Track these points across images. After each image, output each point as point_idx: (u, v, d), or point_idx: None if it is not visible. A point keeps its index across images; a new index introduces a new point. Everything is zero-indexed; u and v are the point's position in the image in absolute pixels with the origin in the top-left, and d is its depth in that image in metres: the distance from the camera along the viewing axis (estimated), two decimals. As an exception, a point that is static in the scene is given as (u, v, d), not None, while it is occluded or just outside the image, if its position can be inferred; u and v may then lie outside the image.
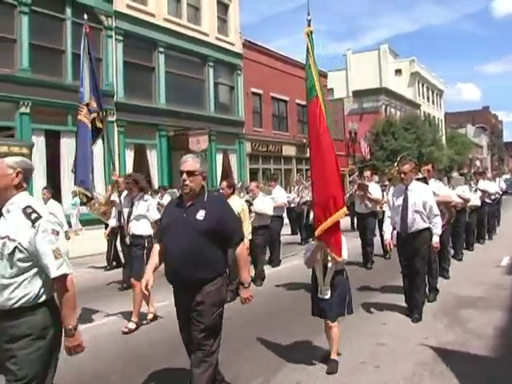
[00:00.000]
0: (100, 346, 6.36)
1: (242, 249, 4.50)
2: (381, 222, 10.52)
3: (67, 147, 19.37)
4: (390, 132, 42.87)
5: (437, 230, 7.17)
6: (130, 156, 22.28)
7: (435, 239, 7.17)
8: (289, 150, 33.45)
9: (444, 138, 61.66)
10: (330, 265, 5.29)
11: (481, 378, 5.01)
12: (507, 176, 38.87)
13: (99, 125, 7.96)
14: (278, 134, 32.53)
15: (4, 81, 17.22)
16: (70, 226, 18.18)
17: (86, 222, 18.16)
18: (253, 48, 30.40)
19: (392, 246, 7.37)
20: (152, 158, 23.61)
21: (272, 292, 9.28)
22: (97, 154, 20.66)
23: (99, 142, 21.12)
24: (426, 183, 8.14)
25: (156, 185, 22.92)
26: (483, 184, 15.18)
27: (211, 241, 4.25)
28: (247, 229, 8.54)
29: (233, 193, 8.87)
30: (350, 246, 5.57)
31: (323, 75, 38.50)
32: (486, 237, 15.47)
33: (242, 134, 29.09)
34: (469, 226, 13.11)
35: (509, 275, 10.14)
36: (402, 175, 7.20)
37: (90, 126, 8.05)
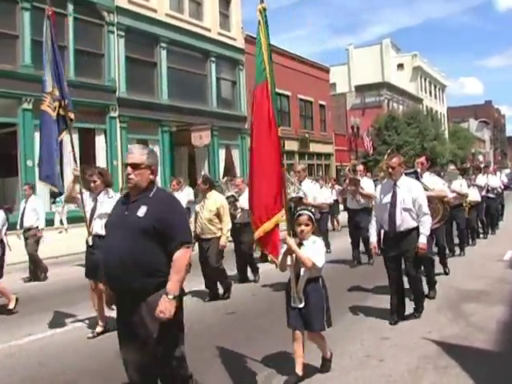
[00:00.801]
0: (98, 343, 6.39)
1: (182, 256, 3.74)
2: None
3: (70, 143, 19.38)
4: (393, 127, 42.87)
5: (424, 230, 6.56)
6: (132, 152, 22.26)
7: (422, 239, 6.53)
8: (291, 145, 33.45)
9: (446, 132, 61.58)
10: (302, 271, 4.83)
11: (483, 372, 5.02)
12: (507, 171, 38.54)
13: (62, 113, 7.08)
14: (280, 129, 32.45)
15: (6, 77, 17.27)
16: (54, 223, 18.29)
17: (72, 220, 17.93)
18: (255, 43, 30.18)
19: (378, 250, 7.00)
20: (154, 153, 23.60)
21: (266, 290, 9.28)
22: (99, 149, 20.82)
23: (102, 137, 21.37)
24: (417, 178, 7.51)
25: (159, 181, 22.92)
26: (481, 179, 14.85)
27: (155, 242, 3.71)
28: (226, 226, 8.35)
29: (210, 188, 8.55)
30: (342, 244, 5.51)
31: (325, 70, 38.49)
32: (490, 231, 15.40)
33: (244, 129, 29.07)
34: (469, 222, 12.81)
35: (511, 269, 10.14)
36: (390, 170, 6.67)
37: (54, 116, 7.08)
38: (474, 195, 12.89)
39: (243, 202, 9.43)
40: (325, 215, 12.96)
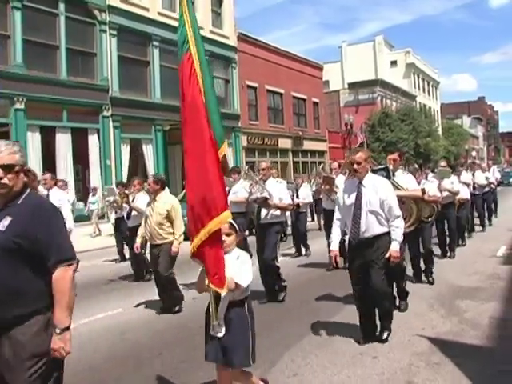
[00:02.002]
0: (97, 341, 6.39)
1: (61, 277, 3.01)
2: None
3: (63, 143, 19.39)
4: (386, 124, 42.94)
5: (396, 236, 5.68)
6: (125, 151, 22.25)
7: (394, 246, 5.65)
8: (285, 143, 33.46)
9: (440, 128, 61.72)
10: (223, 293, 3.92)
11: (476, 369, 5.03)
12: (494, 167, 38.29)
13: None
14: (273, 126, 32.54)
15: (-2, 77, 17.19)
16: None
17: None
18: (248, 41, 30.35)
19: (338, 260, 6.04)
20: (148, 152, 23.62)
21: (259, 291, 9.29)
22: (92, 149, 20.77)
23: (95, 137, 21.32)
24: (388, 176, 6.63)
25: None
26: (465, 176, 14.04)
27: (20, 261, 2.98)
28: (178, 229, 7.58)
29: (162, 188, 7.80)
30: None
31: (318, 67, 38.50)
32: (480, 227, 15.46)
33: (237, 128, 29.08)
34: (459, 221, 12.24)
35: (505, 265, 10.16)
36: (355, 165, 5.73)
37: None
38: (463, 192, 12.23)
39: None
40: (303, 215, 12.76)
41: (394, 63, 63.99)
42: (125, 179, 19.12)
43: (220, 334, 4.03)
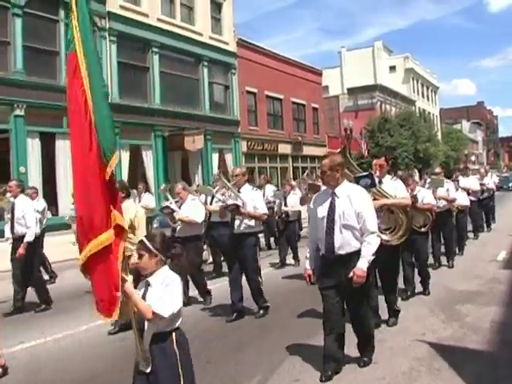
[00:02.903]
0: (97, 347, 6.39)
1: None
2: None
3: (63, 149, 19.36)
4: (386, 129, 42.93)
5: (366, 253, 5.02)
6: (125, 157, 22.25)
7: (361, 264, 4.98)
8: (284, 148, 33.48)
9: (439, 133, 61.77)
10: (147, 323, 3.54)
11: (477, 374, 5.03)
12: (492, 172, 37.94)
13: None
14: (273, 132, 32.55)
15: (-2, 83, 17.21)
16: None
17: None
18: (247, 47, 30.40)
19: (313, 279, 5.38)
20: (147, 158, 23.61)
21: (269, 292, 9.28)
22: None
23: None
24: (373, 183, 6.05)
25: (152, 186, 22.90)
26: (464, 181, 13.81)
27: None
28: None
29: (127, 196, 7.40)
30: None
31: (317, 73, 38.54)
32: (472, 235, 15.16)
33: (237, 133, 29.09)
34: (458, 229, 12.14)
35: (505, 269, 10.16)
36: (325, 173, 5.19)
37: None
38: (462, 199, 11.96)
39: (186, 212, 8.52)
40: (292, 225, 12.32)
41: (393, 68, 64.09)
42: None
43: (147, 370, 3.56)
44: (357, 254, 5.06)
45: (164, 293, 3.46)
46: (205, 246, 11.17)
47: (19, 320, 8.01)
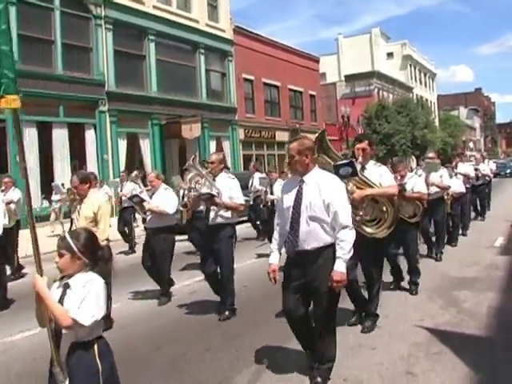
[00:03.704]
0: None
1: None
2: None
3: (60, 138, 19.36)
4: (383, 116, 42.89)
5: (342, 252, 4.39)
6: (122, 145, 22.23)
7: (338, 267, 4.36)
8: (282, 136, 33.42)
9: (437, 120, 61.73)
10: (64, 331, 3.09)
11: (475, 358, 5.05)
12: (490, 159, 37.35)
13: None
14: (270, 119, 32.50)
15: (-7, 72, 17.10)
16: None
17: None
18: (244, 34, 30.27)
19: (277, 276, 4.65)
20: (145, 146, 23.60)
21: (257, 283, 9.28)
22: (88, 144, 20.74)
23: (91, 132, 21.25)
24: (355, 171, 5.42)
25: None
26: (463, 167, 13.43)
27: None
28: (102, 234, 6.35)
29: (89, 187, 6.84)
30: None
31: (315, 60, 38.43)
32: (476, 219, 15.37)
33: (234, 121, 29.05)
34: (453, 218, 11.59)
35: (502, 255, 10.19)
36: (293, 158, 4.59)
37: None
38: (457, 186, 11.37)
39: (157, 202, 7.98)
40: None
41: (390, 55, 63.92)
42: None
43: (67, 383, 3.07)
44: (325, 250, 4.48)
45: (85, 298, 2.99)
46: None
47: (19, 308, 8.02)
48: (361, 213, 5.66)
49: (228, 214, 6.93)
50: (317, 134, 5.73)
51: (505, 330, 5.83)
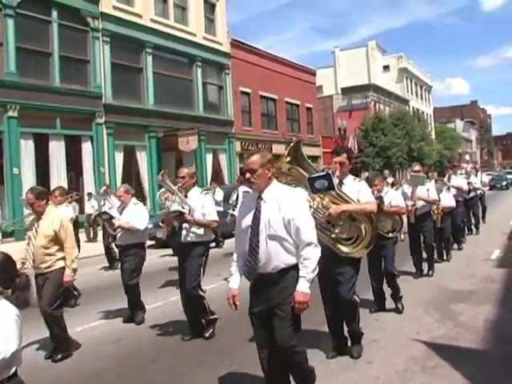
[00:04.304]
0: (93, 348, 6.37)
1: None
2: None
3: (56, 150, 19.36)
4: (380, 128, 43.04)
5: (306, 271, 4.02)
6: (119, 158, 22.24)
7: (301, 287, 3.99)
8: (279, 149, 33.36)
9: (433, 132, 61.97)
10: None
11: (472, 372, 5.03)
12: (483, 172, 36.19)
13: None
14: (267, 132, 32.56)
15: (-9, 85, 17.16)
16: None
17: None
18: (241, 47, 30.40)
19: (238, 302, 4.22)
20: (142, 159, 23.61)
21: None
22: (85, 156, 20.74)
23: (88, 144, 21.25)
24: (331, 185, 4.96)
25: (146, 186, 22.93)
26: (456, 180, 13.04)
27: None
28: (70, 254, 6.10)
29: (47, 203, 6.32)
30: None
31: (311, 73, 38.62)
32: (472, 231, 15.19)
33: (231, 134, 29.11)
34: (442, 234, 10.95)
35: (499, 268, 10.18)
36: (248, 175, 4.21)
37: None
38: (447, 200, 11.01)
39: (127, 217, 7.57)
40: None
41: (386, 68, 64.24)
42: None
43: None
44: (288, 273, 4.10)
45: None
46: None
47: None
48: (336, 230, 5.22)
49: (201, 231, 6.52)
50: (293, 142, 5.24)
51: (501, 344, 5.81)
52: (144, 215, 7.70)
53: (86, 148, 20.95)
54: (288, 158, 5.15)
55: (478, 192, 15.86)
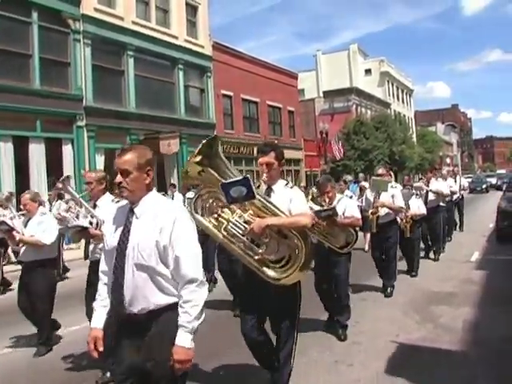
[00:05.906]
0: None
1: None
2: None
3: (36, 153, 19.17)
4: (361, 131, 43.21)
5: (187, 319, 3.01)
6: (100, 161, 22.08)
7: (180, 341, 3.01)
8: (261, 152, 33.49)
9: (414, 136, 62.43)
10: None
11: (451, 373, 5.08)
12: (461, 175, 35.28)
13: None
14: (249, 135, 32.55)
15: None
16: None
17: None
18: (222, 50, 30.38)
19: (100, 348, 3.15)
20: (123, 162, 23.40)
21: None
22: (66, 159, 20.56)
23: (69, 147, 20.99)
24: (251, 192, 4.06)
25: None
26: (436, 184, 12.24)
27: None
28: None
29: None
30: None
31: (293, 76, 38.72)
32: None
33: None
34: (411, 243, 9.89)
35: (478, 270, 10.30)
36: (128, 175, 3.21)
37: None
38: (416, 207, 9.99)
39: (32, 230, 6.45)
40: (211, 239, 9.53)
41: (368, 72, 64.60)
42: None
43: None
44: (163, 315, 3.07)
45: None
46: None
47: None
48: (260, 250, 4.14)
49: None
50: (205, 140, 4.26)
51: (480, 345, 5.87)
52: (52, 227, 6.35)
53: (67, 151, 20.75)
54: (198, 158, 4.17)
55: (455, 196, 15.18)
